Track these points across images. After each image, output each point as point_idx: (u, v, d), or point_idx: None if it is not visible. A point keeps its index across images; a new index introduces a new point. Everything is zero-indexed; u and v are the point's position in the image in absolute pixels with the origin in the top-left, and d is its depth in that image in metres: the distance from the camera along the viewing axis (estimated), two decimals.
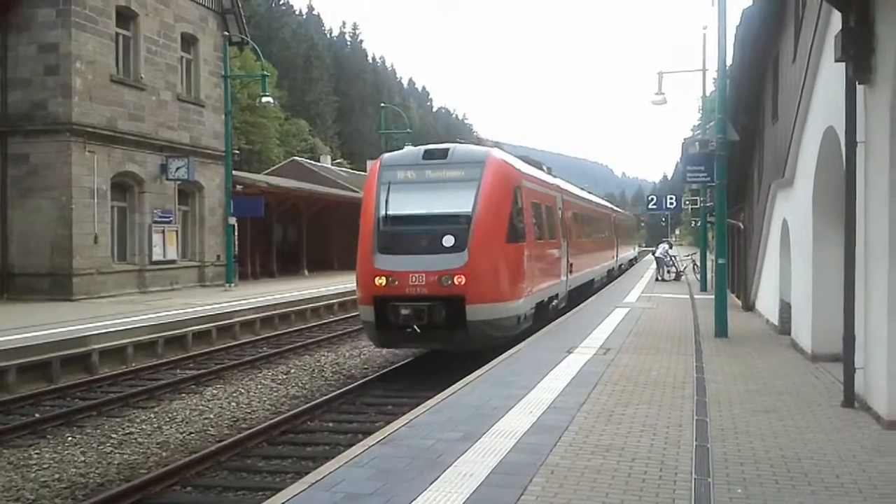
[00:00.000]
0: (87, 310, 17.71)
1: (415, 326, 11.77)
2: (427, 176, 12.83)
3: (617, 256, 33.64)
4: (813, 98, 10.29)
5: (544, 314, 15.28)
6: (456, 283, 11.76)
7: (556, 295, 16.62)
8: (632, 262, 47.07)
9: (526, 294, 13.28)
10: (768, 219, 15.06)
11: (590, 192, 31.53)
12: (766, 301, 15.85)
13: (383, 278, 12.04)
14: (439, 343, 12.62)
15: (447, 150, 13.14)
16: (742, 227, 20.82)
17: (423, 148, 13.56)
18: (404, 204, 12.61)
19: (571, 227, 19.38)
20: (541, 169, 17.87)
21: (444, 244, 12.04)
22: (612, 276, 31.06)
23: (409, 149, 14.16)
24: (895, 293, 6.87)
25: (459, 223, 12.15)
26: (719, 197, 14.43)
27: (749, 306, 18.46)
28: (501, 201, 12.59)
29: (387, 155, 13.82)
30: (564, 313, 17.43)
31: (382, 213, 12.53)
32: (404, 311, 11.77)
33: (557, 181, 19.53)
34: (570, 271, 18.34)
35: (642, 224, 76.23)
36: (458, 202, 12.35)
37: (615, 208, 40.54)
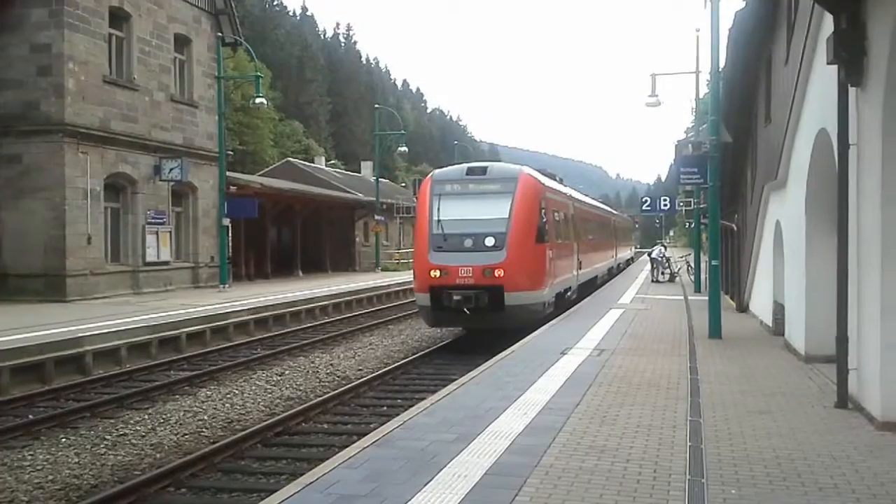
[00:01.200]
0: (80, 311, 17.65)
1: (465, 309, 14.19)
2: (470, 189, 15.47)
3: (616, 256, 36.28)
4: (805, 100, 10.32)
5: (562, 302, 17.95)
6: (496, 275, 14.30)
7: (570, 287, 19.20)
8: (629, 262, 49.49)
9: (549, 285, 15.96)
10: (761, 220, 15.10)
11: (593, 199, 33.49)
12: (760, 302, 15.90)
13: (437, 271, 14.57)
14: (482, 323, 14.98)
15: (486, 167, 16.13)
16: (735, 228, 20.87)
17: (465, 165, 16.45)
18: (453, 211, 15.12)
19: (581, 231, 21.77)
20: (554, 179, 20.13)
21: (486, 244, 14.58)
22: (612, 273, 33.84)
23: (454, 166, 16.87)
24: (888, 294, 6.90)
25: (499, 227, 14.69)
26: (713, 199, 14.48)
27: (743, 307, 18.52)
28: (531, 210, 15.20)
29: (436, 171, 16.83)
30: (575, 304, 19.56)
31: (436, 218, 15.06)
32: (456, 297, 14.25)
33: (569, 190, 22.08)
34: (580, 268, 20.83)
35: (636, 226, 76.31)
36: (497, 210, 14.85)
37: (613, 212, 42.19)
